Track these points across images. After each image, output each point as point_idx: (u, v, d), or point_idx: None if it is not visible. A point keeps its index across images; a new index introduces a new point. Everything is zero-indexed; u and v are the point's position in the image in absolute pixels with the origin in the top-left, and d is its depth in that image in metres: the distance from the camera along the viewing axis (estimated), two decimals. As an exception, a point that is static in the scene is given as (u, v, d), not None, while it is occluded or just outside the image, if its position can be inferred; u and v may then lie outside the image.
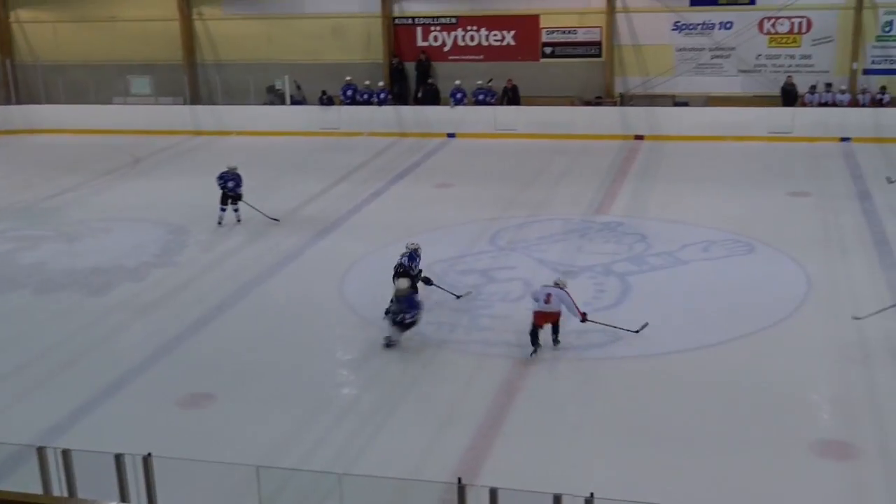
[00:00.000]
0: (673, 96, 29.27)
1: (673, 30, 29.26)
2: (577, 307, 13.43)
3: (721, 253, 17.50)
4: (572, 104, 29.42)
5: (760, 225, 18.93)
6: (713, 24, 28.89)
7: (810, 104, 27.56)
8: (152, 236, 19.50)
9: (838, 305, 14.91)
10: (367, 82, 30.43)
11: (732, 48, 28.88)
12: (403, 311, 13.34)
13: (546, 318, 13.43)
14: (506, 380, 12.70)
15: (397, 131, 29.53)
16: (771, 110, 27.19)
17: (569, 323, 14.23)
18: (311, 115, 30.22)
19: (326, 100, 30.40)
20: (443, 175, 24.41)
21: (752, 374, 12.60)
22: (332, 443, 11.21)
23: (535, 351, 13.29)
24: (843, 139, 26.11)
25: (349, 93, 30.42)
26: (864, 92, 27.62)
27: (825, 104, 27.45)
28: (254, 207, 20.25)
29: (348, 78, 30.45)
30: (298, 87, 31.19)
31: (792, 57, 28.58)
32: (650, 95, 29.34)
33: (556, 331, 13.54)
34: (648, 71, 29.48)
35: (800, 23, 28.30)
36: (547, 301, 13.34)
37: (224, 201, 20.22)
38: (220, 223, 20.16)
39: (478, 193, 22.28)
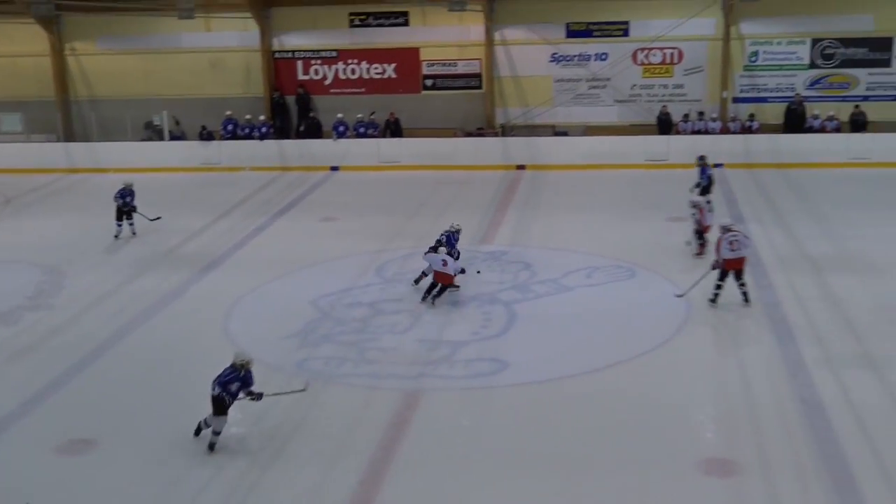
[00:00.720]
0: (553, 126, 29.84)
1: (551, 61, 29.86)
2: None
3: (604, 279, 17.81)
4: (455, 135, 29.69)
5: (640, 250, 19.37)
6: (589, 56, 29.59)
7: (684, 132, 28.45)
8: (26, 278, 18.80)
9: (717, 326, 15.34)
10: (248, 116, 30.13)
11: (608, 79, 29.62)
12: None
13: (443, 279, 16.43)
14: (396, 412, 12.62)
15: (280, 165, 29.28)
16: (647, 138, 27.93)
17: (458, 352, 14.30)
18: (190, 151, 29.73)
19: (206, 135, 29.97)
20: (327, 208, 24.27)
21: (639, 396, 12.82)
22: (221, 484, 10.93)
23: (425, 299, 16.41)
24: (716, 165, 26.89)
25: (230, 127, 30.07)
26: (734, 119, 28.63)
27: (698, 132, 28.36)
28: (141, 214, 21.47)
29: (228, 112, 30.10)
30: (177, 123, 30.66)
31: (665, 87, 29.48)
32: (531, 126, 29.84)
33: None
34: (528, 102, 29.99)
35: (672, 54, 29.24)
36: (444, 265, 16.33)
37: (119, 217, 21.42)
38: (116, 237, 21.39)
39: (363, 226, 22.22)
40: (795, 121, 28.07)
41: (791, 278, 17.38)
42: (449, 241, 17.44)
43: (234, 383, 11.61)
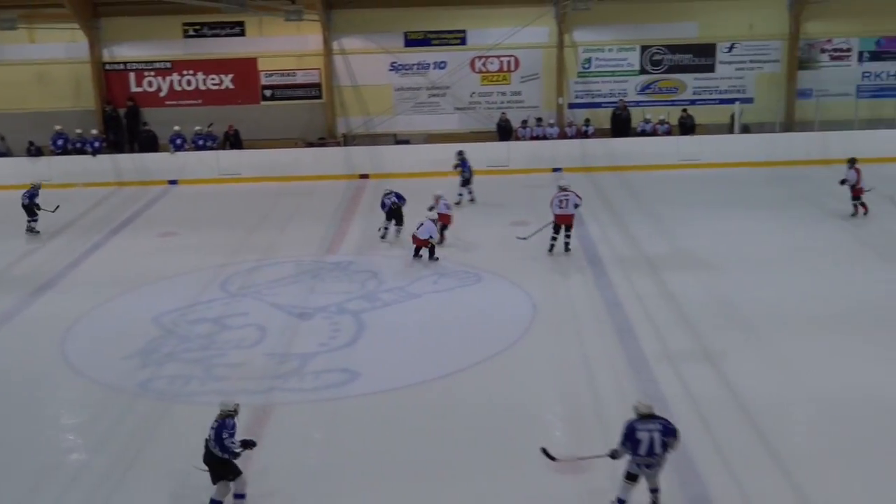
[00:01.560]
0: (394, 135, 29.94)
1: (390, 70, 29.97)
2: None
3: (451, 284, 17.94)
4: (296, 146, 29.41)
5: (486, 254, 19.63)
6: (428, 64, 29.84)
7: (523, 138, 29.01)
8: None
9: (562, 325, 15.67)
10: (79, 131, 29.03)
11: (448, 87, 29.94)
12: None
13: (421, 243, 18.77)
14: (246, 428, 12.32)
15: (115, 180, 28.34)
16: (488, 145, 28.34)
17: (308, 363, 14.14)
18: (18, 167, 28.38)
19: (35, 150, 28.73)
20: (166, 223, 23.62)
21: (489, 399, 12.95)
22: (62, 513, 10.47)
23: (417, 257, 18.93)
24: (555, 169, 27.63)
25: (60, 142, 28.90)
26: (570, 125, 29.39)
27: (537, 137, 28.97)
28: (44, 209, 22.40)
29: (58, 127, 28.93)
30: (2, 138, 29.27)
31: (504, 94, 30.01)
32: (372, 135, 29.86)
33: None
34: (369, 111, 30.00)
35: (508, 61, 29.79)
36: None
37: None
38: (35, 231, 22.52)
39: (204, 240, 21.72)
40: (621, 125, 29.04)
41: (630, 276, 17.94)
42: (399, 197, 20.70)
43: (221, 438, 10.10)
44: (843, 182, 21.35)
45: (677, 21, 29.39)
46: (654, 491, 10.08)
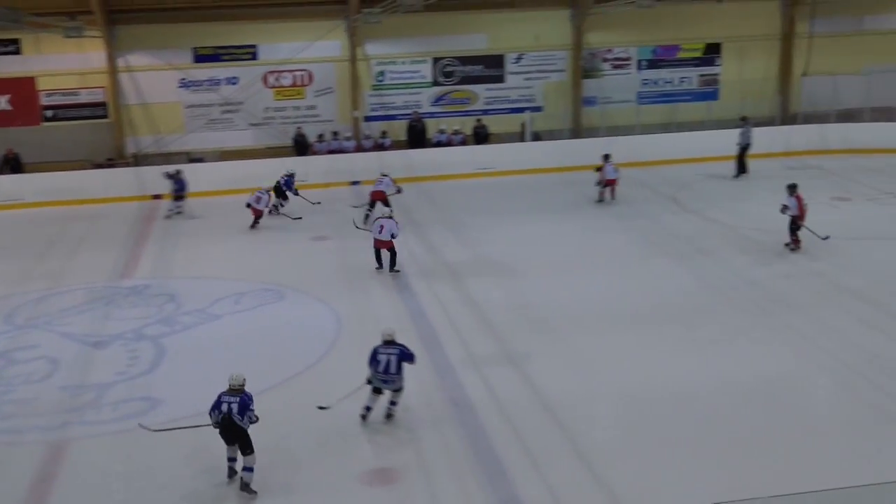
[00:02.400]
0: (188, 153, 29.16)
1: (180, 87, 29.21)
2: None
3: (253, 303, 17.61)
4: (83, 168, 28.16)
5: (288, 271, 19.37)
6: (219, 80, 29.26)
7: (320, 152, 28.87)
8: None
9: (367, 337, 15.60)
10: None
11: (241, 103, 29.45)
12: None
13: (382, 245, 18.43)
14: (41, 467, 11.69)
15: None
16: (285, 160, 28.02)
17: (105, 395, 13.54)
18: None
19: None
20: (-57, 255, 22.11)
21: (297, 417, 12.76)
22: None
23: (379, 267, 18.64)
24: (353, 183, 27.63)
25: None
26: (367, 137, 29.48)
27: (334, 151, 28.89)
28: None
29: None
30: None
31: (298, 108, 29.79)
32: (165, 154, 28.97)
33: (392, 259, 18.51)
34: (160, 129, 29.12)
35: (302, 76, 29.60)
36: (380, 231, 18.11)
37: None
38: None
39: (-14, 271, 20.45)
40: (417, 137, 29.41)
41: (432, 285, 18.13)
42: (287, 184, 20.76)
43: (245, 410, 10.94)
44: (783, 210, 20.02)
45: (467, 33, 30.02)
46: (393, 403, 12.59)
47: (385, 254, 18.96)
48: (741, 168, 26.94)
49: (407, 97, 30.29)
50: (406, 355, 12.42)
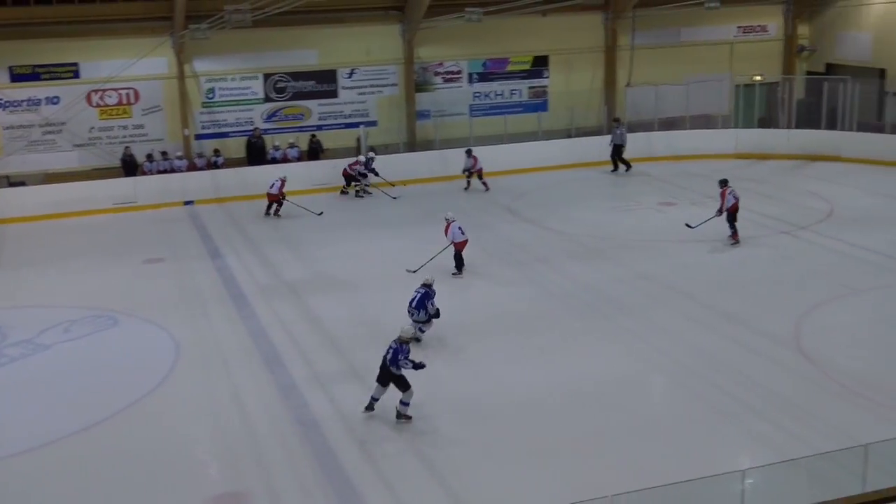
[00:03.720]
0: (7, 177, 27.75)
1: (-4, 108, 27.82)
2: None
3: (85, 331, 16.90)
4: None
5: (120, 296, 18.69)
6: (39, 100, 28.00)
7: (150, 172, 28.00)
8: None
9: (207, 361, 15.26)
10: None
11: (63, 123, 28.26)
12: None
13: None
14: None
15: None
16: (112, 181, 27.08)
17: (-77, 437, 12.74)
18: None
19: None
20: None
21: (139, 446, 12.33)
22: None
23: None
24: (187, 202, 26.94)
25: None
26: (199, 156, 28.79)
27: (165, 171, 28.07)
28: None
29: None
30: None
31: (126, 127, 28.81)
32: (-18, 178, 27.51)
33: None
34: (-25, 152, 27.64)
35: (128, 94, 28.66)
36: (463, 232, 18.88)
37: None
38: None
39: None
40: (256, 153, 28.93)
41: (273, 305, 17.84)
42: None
43: (396, 360, 12.79)
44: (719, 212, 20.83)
45: (297, 49, 29.76)
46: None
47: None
48: (616, 165, 28.57)
49: (239, 114, 29.77)
50: (429, 296, 15.24)
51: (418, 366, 12.81)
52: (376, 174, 26.91)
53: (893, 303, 17.00)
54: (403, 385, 12.89)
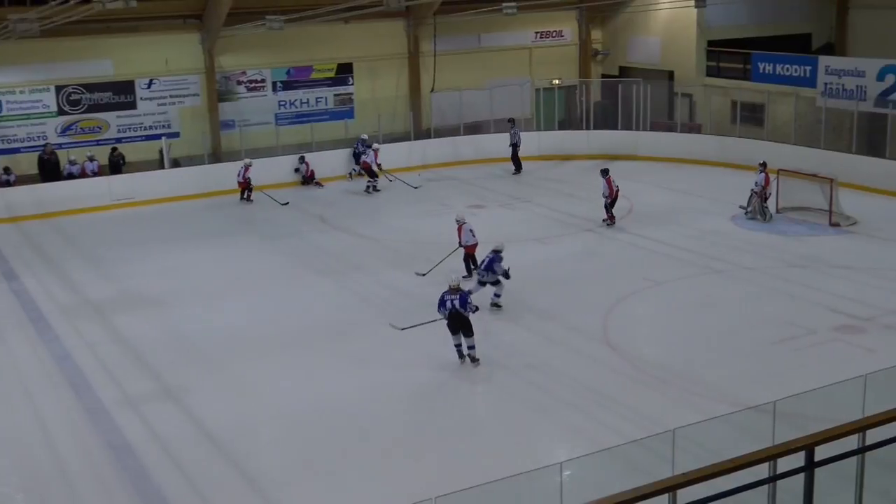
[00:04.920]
0: None
1: None
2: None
3: None
4: None
5: None
6: None
7: (-66, 193, 26.19)
8: None
9: (8, 389, 14.46)
10: None
11: None
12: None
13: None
14: None
15: None
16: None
17: None
18: None
19: None
20: None
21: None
22: None
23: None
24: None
25: None
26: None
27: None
28: None
29: None
30: None
31: None
32: None
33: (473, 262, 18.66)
34: None
35: None
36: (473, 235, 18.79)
37: None
38: None
39: None
40: (50, 169, 27.48)
41: (78, 326, 17.08)
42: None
43: (465, 304, 14.37)
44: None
45: (91, 59, 28.56)
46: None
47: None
48: (518, 165, 28.80)
49: (30, 128, 28.31)
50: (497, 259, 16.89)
51: (476, 308, 14.65)
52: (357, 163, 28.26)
53: (692, 293, 17.89)
54: (470, 330, 14.47)
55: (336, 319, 17.08)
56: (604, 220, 22.32)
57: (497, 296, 17.16)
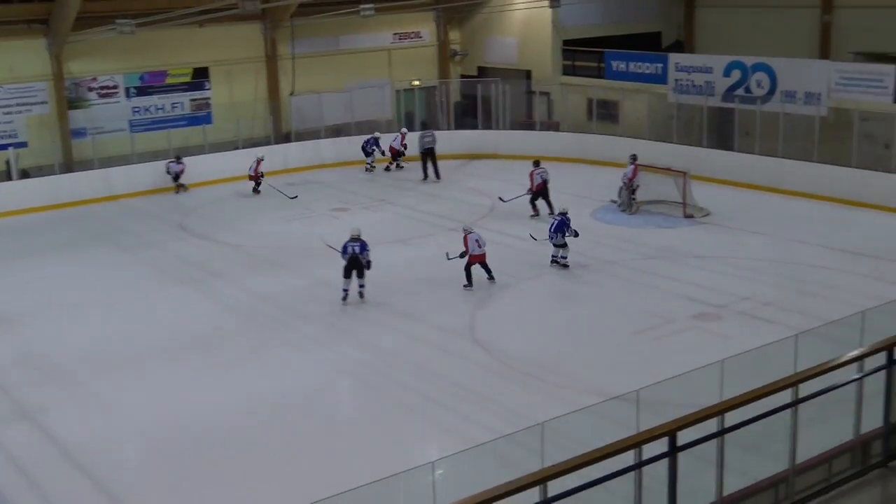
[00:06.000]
0: None
1: None
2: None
3: None
4: None
5: None
6: None
7: None
8: None
9: None
10: None
11: None
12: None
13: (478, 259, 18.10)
14: None
15: None
16: None
17: None
18: None
19: None
20: None
21: None
22: None
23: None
24: None
25: None
26: None
27: None
28: None
29: None
30: None
31: None
32: None
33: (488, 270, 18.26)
34: None
35: None
36: (479, 245, 18.03)
37: None
38: None
39: None
40: None
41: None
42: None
43: (364, 250, 17.39)
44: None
45: None
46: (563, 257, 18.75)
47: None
48: (426, 174, 27.99)
49: None
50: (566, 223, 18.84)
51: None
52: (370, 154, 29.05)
53: (555, 287, 18.24)
54: (363, 273, 17.45)
55: (199, 330, 16.71)
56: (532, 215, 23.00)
57: (564, 257, 18.92)
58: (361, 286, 17.53)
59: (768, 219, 21.87)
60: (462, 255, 18.14)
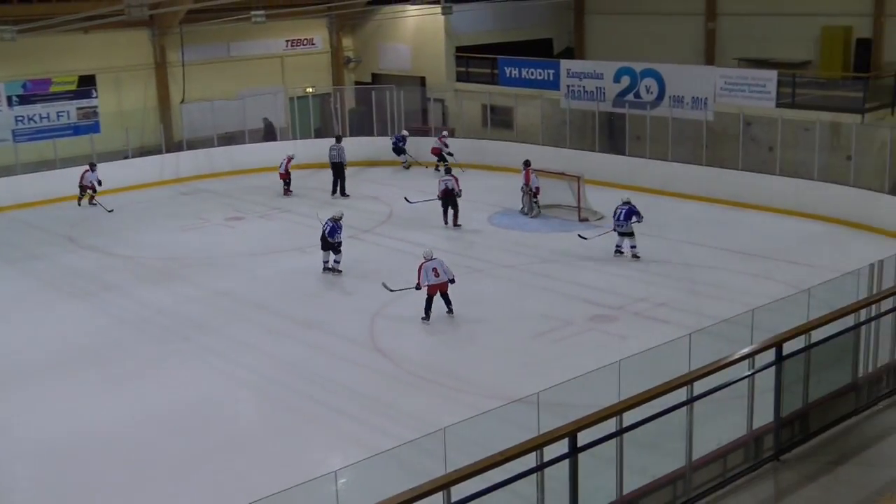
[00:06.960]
0: None
1: None
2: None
3: None
4: None
5: None
6: None
7: None
8: None
9: None
10: None
11: None
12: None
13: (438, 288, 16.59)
14: None
15: None
16: None
17: None
18: None
19: None
20: None
21: None
22: None
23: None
24: None
25: None
26: None
27: None
28: None
29: None
30: None
31: None
32: None
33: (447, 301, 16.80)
34: None
35: None
36: (437, 275, 16.39)
37: None
38: None
39: None
40: None
41: None
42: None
43: (334, 233, 19.08)
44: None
45: None
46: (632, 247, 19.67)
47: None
48: (336, 188, 27.02)
49: None
50: (634, 210, 19.38)
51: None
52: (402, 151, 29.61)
53: (454, 293, 18.23)
54: (337, 251, 19.27)
55: (92, 343, 16.26)
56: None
57: (633, 247, 19.62)
58: (336, 262, 19.30)
59: (660, 221, 22.39)
60: (417, 288, 16.49)
